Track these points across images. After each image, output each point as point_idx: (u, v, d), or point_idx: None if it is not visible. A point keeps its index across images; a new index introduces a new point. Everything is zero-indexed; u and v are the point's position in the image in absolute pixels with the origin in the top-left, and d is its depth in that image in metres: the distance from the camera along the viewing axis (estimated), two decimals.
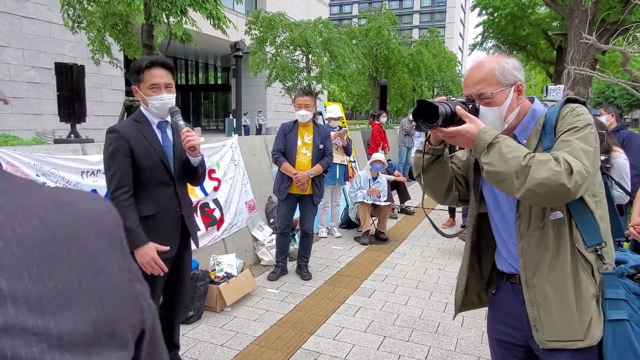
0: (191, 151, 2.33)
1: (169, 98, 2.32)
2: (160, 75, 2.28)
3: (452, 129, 1.40)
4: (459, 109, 1.39)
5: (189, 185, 2.61)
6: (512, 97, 1.45)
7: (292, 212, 4.60)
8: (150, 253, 2.21)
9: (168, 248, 2.31)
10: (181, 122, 2.31)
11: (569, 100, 1.46)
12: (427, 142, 1.56)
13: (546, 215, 1.41)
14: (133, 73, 2.29)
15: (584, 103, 1.45)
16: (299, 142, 4.50)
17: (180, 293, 2.68)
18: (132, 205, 2.23)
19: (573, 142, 1.32)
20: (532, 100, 1.52)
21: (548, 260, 1.41)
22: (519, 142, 1.48)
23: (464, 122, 1.39)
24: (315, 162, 4.44)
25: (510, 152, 1.31)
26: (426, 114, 1.40)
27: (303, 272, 4.56)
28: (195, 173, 2.49)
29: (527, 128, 1.48)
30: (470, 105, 1.43)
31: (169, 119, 2.40)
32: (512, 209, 1.50)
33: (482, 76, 1.45)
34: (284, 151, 4.47)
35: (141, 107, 2.39)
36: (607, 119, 4.13)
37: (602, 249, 1.38)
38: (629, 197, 3.16)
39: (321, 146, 4.48)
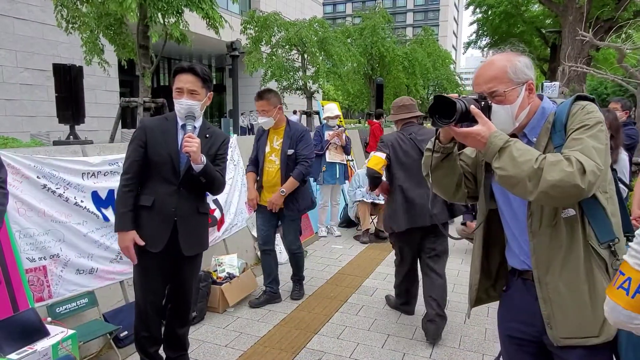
0: (190, 157, 2.35)
1: (189, 104, 2.39)
2: (185, 81, 2.39)
3: (463, 130, 1.38)
4: (473, 108, 1.37)
5: None
6: (524, 95, 1.44)
7: (271, 224, 3.93)
8: (127, 242, 2.38)
9: (143, 243, 2.41)
10: (189, 127, 2.38)
11: (579, 98, 1.45)
12: (436, 140, 1.55)
13: (558, 212, 1.41)
14: (172, 76, 2.46)
15: (593, 100, 1.44)
16: (267, 148, 3.84)
17: (177, 298, 2.66)
18: (130, 192, 2.40)
19: (584, 140, 1.31)
20: (541, 98, 1.51)
21: (561, 257, 1.40)
22: (529, 141, 1.48)
23: (476, 122, 1.38)
24: (285, 171, 3.73)
25: (521, 155, 1.30)
26: (442, 110, 1.38)
27: (294, 290, 4.07)
28: (202, 182, 2.45)
29: (537, 126, 1.48)
30: (483, 103, 1.42)
31: (197, 123, 2.49)
32: (524, 206, 1.49)
33: (494, 74, 1.44)
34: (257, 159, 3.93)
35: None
36: (620, 115, 4.12)
37: (615, 245, 1.37)
38: (627, 190, 3.19)
39: (290, 152, 3.74)
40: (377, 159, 3.43)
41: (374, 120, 9.56)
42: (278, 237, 5.13)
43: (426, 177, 1.64)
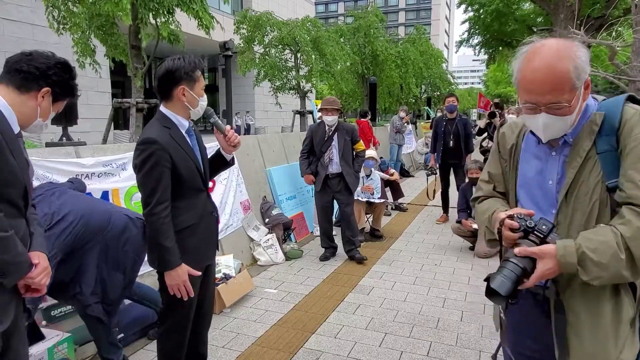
0: (235, 148, 2.35)
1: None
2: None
3: (532, 281, 1.23)
4: (520, 252, 1.21)
5: None
6: (582, 96, 1.24)
7: None
8: (183, 276, 2.11)
9: (200, 273, 2.22)
10: (220, 122, 2.28)
11: (632, 99, 1.27)
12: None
13: (589, 227, 1.26)
14: (188, 72, 2.11)
15: None
16: None
17: (208, 302, 2.53)
18: (170, 221, 2.09)
19: None
20: None
21: None
22: (565, 142, 1.31)
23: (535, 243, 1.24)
24: None
25: (601, 254, 1.15)
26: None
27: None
28: (223, 169, 2.51)
29: (578, 125, 1.29)
30: (536, 234, 1.25)
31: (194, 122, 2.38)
32: (550, 215, 1.34)
33: (555, 82, 1.19)
34: None
35: (165, 111, 2.18)
36: None
37: None
38: None
39: None
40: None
41: (361, 119, 9.52)
42: (274, 237, 5.13)
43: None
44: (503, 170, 1.53)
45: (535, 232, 1.25)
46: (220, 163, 2.45)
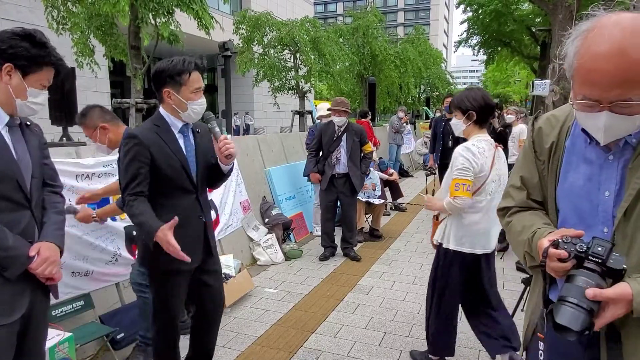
0: (227, 159, 2.23)
1: (205, 104, 2.24)
2: (200, 79, 2.18)
3: (597, 326, 1.04)
4: (596, 296, 1.01)
5: None
6: None
7: None
8: (164, 237, 1.98)
9: (189, 259, 2.09)
10: (217, 129, 2.22)
11: None
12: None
13: None
14: (171, 75, 2.09)
15: None
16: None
17: (209, 304, 2.46)
18: (143, 202, 2.07)
19: None
20: None
21: None
22: (627, 143, 1.09)
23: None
24: None
25: None
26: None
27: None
28: (222, 179, 2.40)
29: None
30: (603, 267, 1.04)
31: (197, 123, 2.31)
32: (599, 230, 1.13)
33: (628, 73, 0.93)
34: None
35: (161, 111, 2.19)
36: None
37: None
38: None
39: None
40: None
41: (361, 119, 9.52)
42: (274, 237, 5.14)
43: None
44: (540, 174, 1.29)
45: (590, 257, 1.04)
46: (216, 173, 2.34)
